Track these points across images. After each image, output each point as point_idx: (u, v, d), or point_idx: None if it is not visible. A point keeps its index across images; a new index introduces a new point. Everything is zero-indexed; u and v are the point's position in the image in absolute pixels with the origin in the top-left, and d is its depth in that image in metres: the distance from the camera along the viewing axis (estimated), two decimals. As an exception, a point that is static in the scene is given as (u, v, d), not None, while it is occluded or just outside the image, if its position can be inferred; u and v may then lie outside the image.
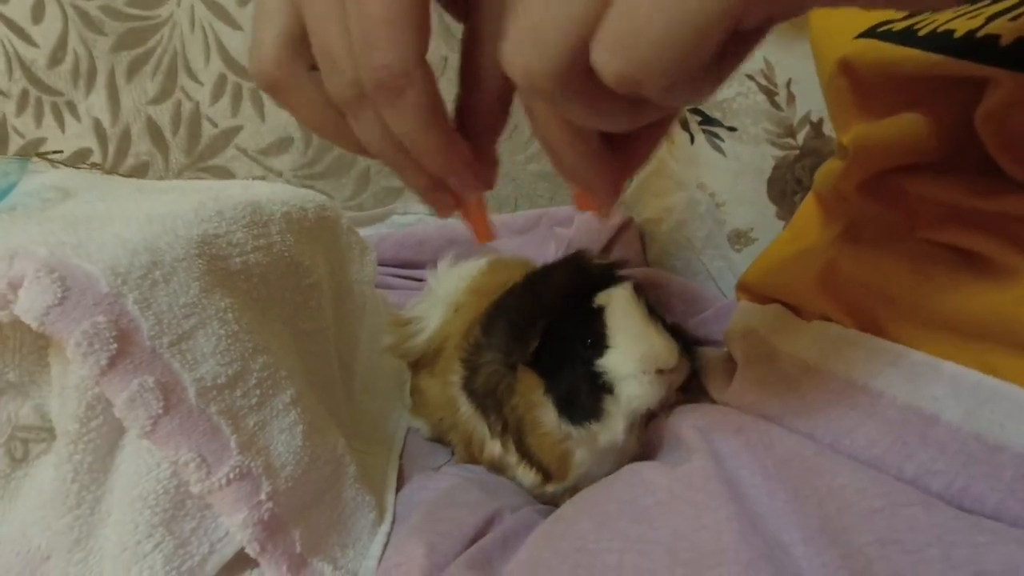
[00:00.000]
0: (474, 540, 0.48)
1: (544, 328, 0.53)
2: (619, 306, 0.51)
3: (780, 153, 0.87)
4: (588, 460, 0.53)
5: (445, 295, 0.71)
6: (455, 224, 1.20)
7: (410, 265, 1.20)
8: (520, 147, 1.21)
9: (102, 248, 0.43)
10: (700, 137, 0.91)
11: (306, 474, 0.49)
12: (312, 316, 0.65)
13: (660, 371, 0.48)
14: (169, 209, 0.53)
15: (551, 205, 1.21)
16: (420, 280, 1.20)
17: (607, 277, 0.55)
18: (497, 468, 0.61)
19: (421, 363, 0.71)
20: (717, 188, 0.90)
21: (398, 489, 0.62)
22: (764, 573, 0.31)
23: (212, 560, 0.44)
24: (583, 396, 0.50)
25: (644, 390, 0.48)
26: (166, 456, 0.41)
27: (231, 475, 0.42)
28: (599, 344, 0.50)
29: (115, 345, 0.40)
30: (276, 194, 0.67)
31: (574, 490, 0.57)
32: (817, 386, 0.39)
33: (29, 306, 0.38)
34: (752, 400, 0.42)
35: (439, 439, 0.72)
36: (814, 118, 0.85)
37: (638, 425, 0.52)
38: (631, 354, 0.49)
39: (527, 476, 0.57)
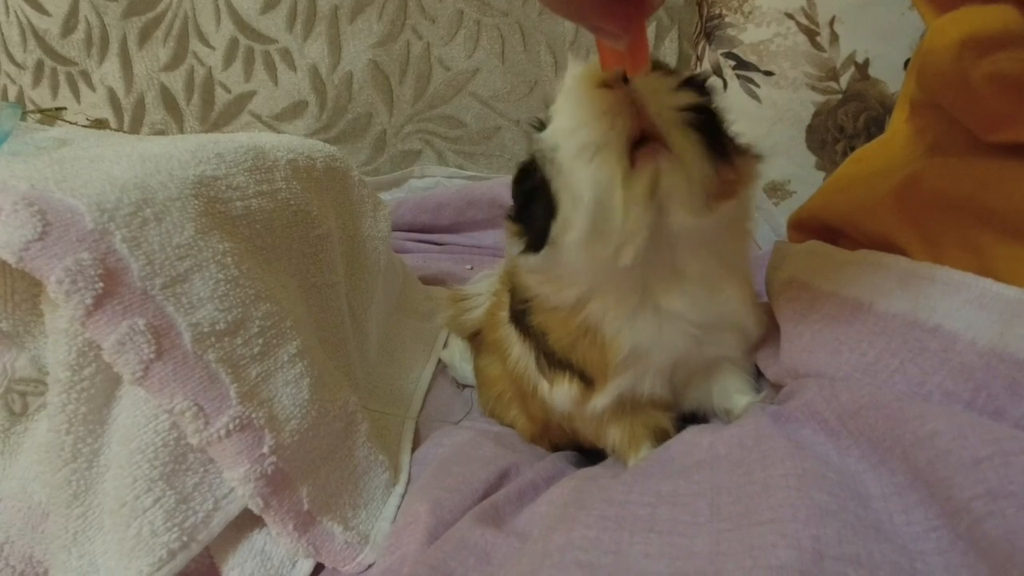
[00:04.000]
0: (485, 495, 0.44)
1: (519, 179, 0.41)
2: (566, 88, 0.35)
3: (821, 98, 0.80)
4: (616, 325, 0.40)
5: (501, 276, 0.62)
6: (474, 187, 1.16)
7: (428, 229, 1.17)
8: (540, 104, 1.16)
9: (88, 184, 0.40)
10: (734, 84, 0.85)
11: (313, 429, 0.46)
12: (322, 269, 0.62)
13: (591, 79, 0.33)
14: (165, 150, 0.49)
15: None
16: (440, 244, 1.17)
17: None
18: (544, 425, 0.54)
19: (480, 340, 0.64)
20: (751, 138, 0.84)
21: (415, 448, 0.59)
22: (829, 528, 0.26)
23: (217, 517, 0.41)
24: (537, 204, 0.37)
25: (578, 117, 0.33)
26: (161, 404, 0.38)
27: (231, 426, 0.39)
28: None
29: (101, 284, 0.37)
30: (282, 142, 0.63)
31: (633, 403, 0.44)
32: (872, 330, 0.34)
33: (7, 240, 0.35)
34: (806, 360, 0.37)
35: (497, 418, 0.64)
36: (859, 59, 0.78)
37: (662, 249, 0.35)
38: (564, 112, 0.34)
39: (567, 391, 0.44)
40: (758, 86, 0.83)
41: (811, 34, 0.78)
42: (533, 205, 0.38)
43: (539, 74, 1.15)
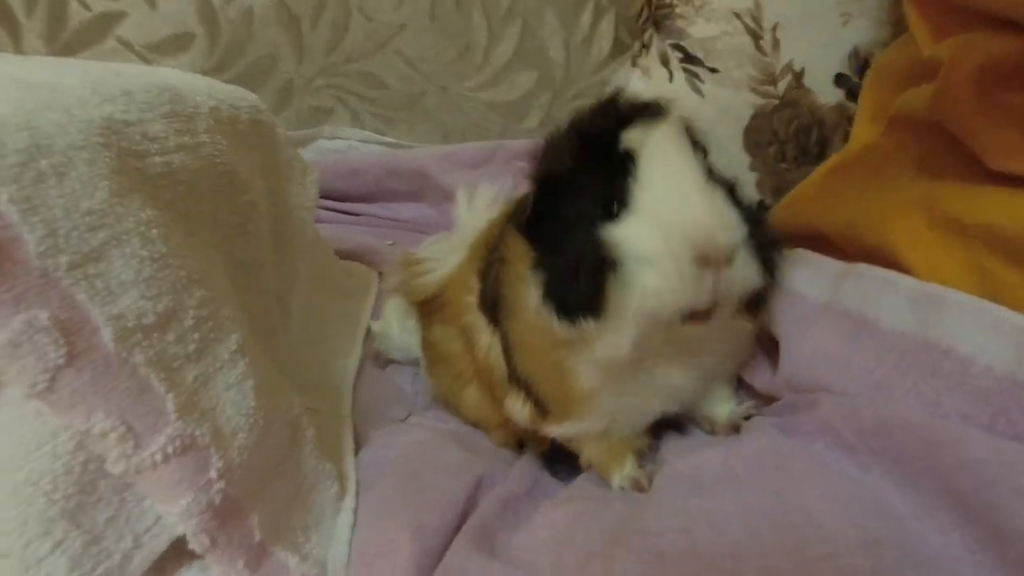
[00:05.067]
0: (465, 512, 0.40)
1: (548, 182, 0.37)
2: (656, 150, 0.34)
3: (760, 101, 0.82)
4: (595, 382, 0.38)
5: (469, 236, 0.56)
6: (396, 155, 1.07)
7: (342, 197, 1.06)
8: (470, 72, 1.09)
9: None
10: (680, 76, 0.85)
11: (262, 441, 0.38)
12: (250, 244, 0.52)
13: (703, 258, 0.32)
14: (50, 78, 0.37)
15: (504, 137, 1.10)
16: (354, 215, 1.07)
17: (645, 114, 0.37)
18: (513, 427, 0.49)
19: (432, 308, 0.57)
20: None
21: (356, 450, 0.52)
22: (884, 558, 0.26)
23: (137, 557, 0.33)
24: (579, 278, 0.34)
25: (669, 283, 0.32)
26: (71, 424, 0.29)
27: (169, 448, 0.31)
28: (618, 204, 0.34)
29: (-17, 262, 0.26)
30: (198, 85, 0.52)
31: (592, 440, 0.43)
32: (880, 347, 0.35)
33: None
34: (811, 375, 0.37)
35: (448, 403, 0.59)
36: (796, 67, 0.81)
37: (675, 341, 0.35)
38: (658, 223, 0.32)
39: (519, 409, 0.43)
40: (703, 82, 0.84)
41: (756, 37, 0.80)
42: (575, 267, 0.34)
43: (471, 39, 1.08)
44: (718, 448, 0.36)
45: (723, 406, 0.44)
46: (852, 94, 0.79)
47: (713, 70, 0.83)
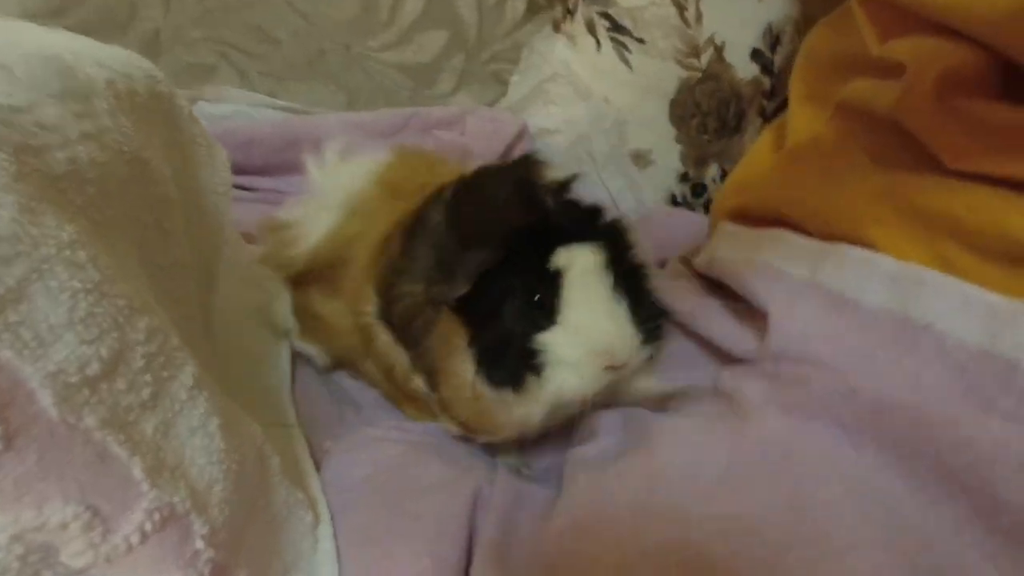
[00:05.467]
0: (470, 535, 0.39)
1: (480, 271, 0.41)
2: (580, 276, 0.41)
3: (685, 74, 0.84)
4: (513, 424, 0.44)
5: (335, 195, 0.55)
6: (295, 123, 0.96)
7: (237, 170, 0.92)
8: (375, 29, 0.99)
9: None
10: (607, 45, 0.84)
11: (237, 488, 0.33)
12: (168, 244, 0.44)
13: (611, 366, 0.41)
14: None
15: (414, 103, 1.03)
16: (250, 189, 0.95)
17: (572, 219, 0.43)
18: (424, 403, 0.51)
19: (308, 279, 0.56)
20: (621, 104, 0.85)
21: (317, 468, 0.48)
22: (901, 544, 0.28)
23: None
24: (508, 362, 0.41)
25: (581, 383, 0.41)
26: (18, 521, 0.22)
27: (147, 525, 0.25)
28: (545, 313, 0.41)
29: None
30: (80, 49, 0.41)
31: (520, 443, 0.50)
32: (863, 323, 0.37)
33: None
34: (802, 347, 0.38)
35: (343, 366, 0.59)
36: (718, 41, 0.83)
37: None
38: (578, 340, 0.41)
39: (450, 425, 0.48)
40: (630, 52, 0.83)
41: (681, 8, 0.81)
42: (505, 352, 0.41)
43: (375, -8, 0.98)
44: (705, 437, 0.37)
45: (644, 382, 0.46)
46: (766, 69, 0.83)
47: (640, 40, 0.83)
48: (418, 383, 0.48)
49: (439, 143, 0.88)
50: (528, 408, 0.41)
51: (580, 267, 0.41)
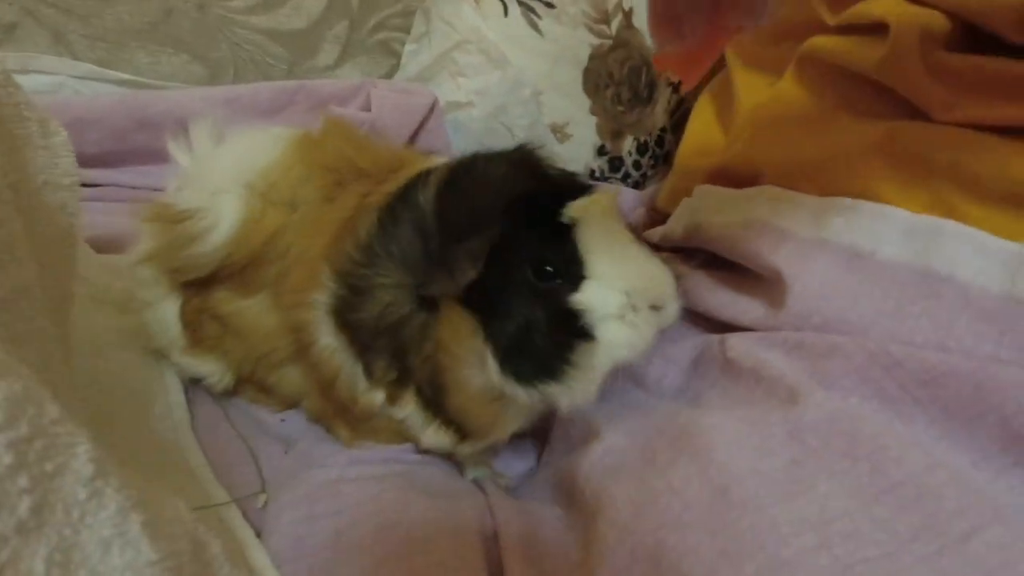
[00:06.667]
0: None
1: (490, 250, 0.36)
2: (599, 220, 0.37)
3: (596, 41, 0.80)
4: (524, 419, 0.41)
5: (230, 177, 0.45)
6: (146, 99, 0.77)
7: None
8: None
9: None
10: (515, 10, 0.78)
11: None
12: (3, 263, 0.30)
13: (657, 307, 0.37)
14: None
15: (293, 76, 0.89)
16: (90, 185, 0.76)
17: (569, 184, 0.40)
18: (368, 419, 0.43)
19: (212, 279, 0.45)
20: (535, 73, 0.79)
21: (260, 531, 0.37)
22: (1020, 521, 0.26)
23: None
24: (545, 346, 0.35)
25: (635, 333, 0.36)
26: None
27: None
28: (571, 273, 0.36)
29: None
30: None
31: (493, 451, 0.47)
32: (882, 278, 0.35)
33: None
34: (823, 306, 0.36)
35: (244, 386, 0.50)
36: (626, 6, 0.80)
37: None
38: (620, 285, 0.36)
39: (436, 437, 0.41)
40: (540, 18, 0.78)
41: (588, -29, 0.77)
42: (532, 334, 0.36)
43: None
44: (767, 432, 0.32)
45: None
46: (673, 37, 0.81)
47: (549, 5, 0.77)
48: (370, 399, 0.41)
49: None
50: (577, 390, 0.36)
51: (599, 211, 0.37)
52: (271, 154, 0.46)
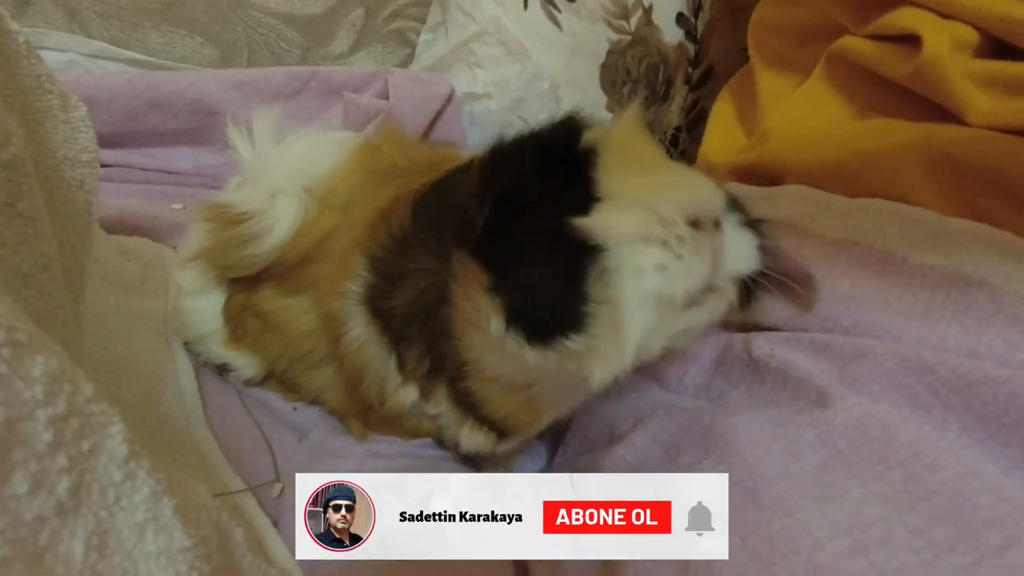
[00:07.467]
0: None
1: (498, 198, 0.31)
2: (619, 142, 0.31)
3: (615, 37, 0.80)
4: (556, 409, 0.37)
5: (291, 179, 0.44)
6: (160, 79, 0.76)
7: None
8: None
9: None
10: (535, 3, 0.77)
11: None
12: (27, 236, 0.30)
13: (694, 221, 0.29)
14: None
15: (307, 62, 0.88)
16: (105, 165, 0.75)
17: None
18: (399, 421, 0.41)
19: (260, 276, 0.45)
20: (552, 67, 0.79)
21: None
22: None
23: None
24: (554, 289, 0.29)
25: (669, 256, 0.28)
26: None
27: None
28: (579, 199, 0.30)
29: None
30: None
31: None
32: (912, 282, 0.35)
33: None
34: (854, 310, 0.35)
35: (273, 382, 0.49)
36: (646, 3, 0.79)
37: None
38: (639, 199, 0.29)
39: (472, 437, 0.38)
40: (559, 11, 0.77)
41: (609, -33, 0.76)
42: (542, 279, 0.29)
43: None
44: (797, 434, 0.32)
45: None
46: (690, 35, 0.81)
47: (570, -1, 0.76)
48: (402, 397, 0.39)
49: (354, 108, 0.75)
50: (606, 345, 0.28)
51: (620, 132, 0.32)
52: (333, 159, 0.45)
